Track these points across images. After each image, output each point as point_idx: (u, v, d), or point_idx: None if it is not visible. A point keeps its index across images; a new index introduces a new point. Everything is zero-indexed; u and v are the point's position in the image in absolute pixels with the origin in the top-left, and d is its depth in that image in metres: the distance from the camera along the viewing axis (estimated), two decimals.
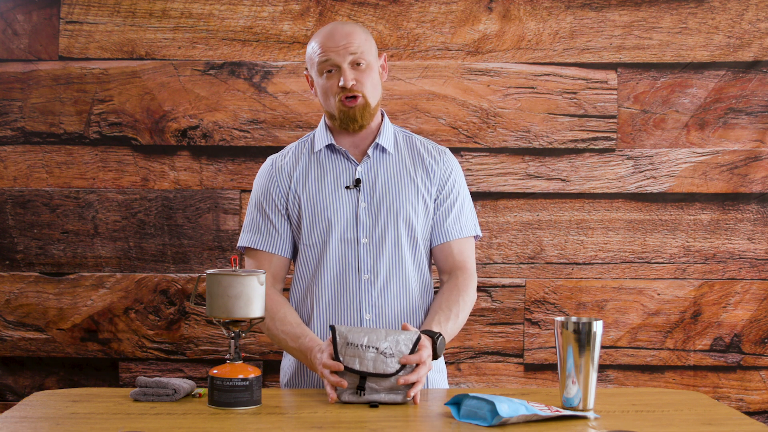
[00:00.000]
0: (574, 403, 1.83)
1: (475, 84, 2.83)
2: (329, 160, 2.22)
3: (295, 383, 2.24)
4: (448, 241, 2.22)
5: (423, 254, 2.22)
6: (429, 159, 2.24)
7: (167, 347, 2.84)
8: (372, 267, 2.16)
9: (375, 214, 2.17)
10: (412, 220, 2.18)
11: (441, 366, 2.28)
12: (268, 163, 2.28)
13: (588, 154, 2.84)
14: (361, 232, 2.16)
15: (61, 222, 2.83)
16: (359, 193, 2.18)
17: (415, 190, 2.20)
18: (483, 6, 2.83)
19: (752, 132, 2.84)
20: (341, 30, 2.16)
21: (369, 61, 2.16)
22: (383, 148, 2.21)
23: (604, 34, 2.83)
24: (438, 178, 2.22)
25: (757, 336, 2.86)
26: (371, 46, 2.19)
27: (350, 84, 2.12)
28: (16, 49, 2.82)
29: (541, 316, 2.85)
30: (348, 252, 2.16)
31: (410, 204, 2.18)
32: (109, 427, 1.71)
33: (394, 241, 2.17)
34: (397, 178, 2.20)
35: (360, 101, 2.15)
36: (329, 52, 2.13)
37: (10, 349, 2.83)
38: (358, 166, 2.19)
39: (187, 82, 2.82)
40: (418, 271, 2.21)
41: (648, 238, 2.85)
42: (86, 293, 2.83)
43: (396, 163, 2.22)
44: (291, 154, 2.26)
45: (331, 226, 2.16)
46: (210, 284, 1.85)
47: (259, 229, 2.23)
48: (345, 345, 1.91)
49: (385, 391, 1.90)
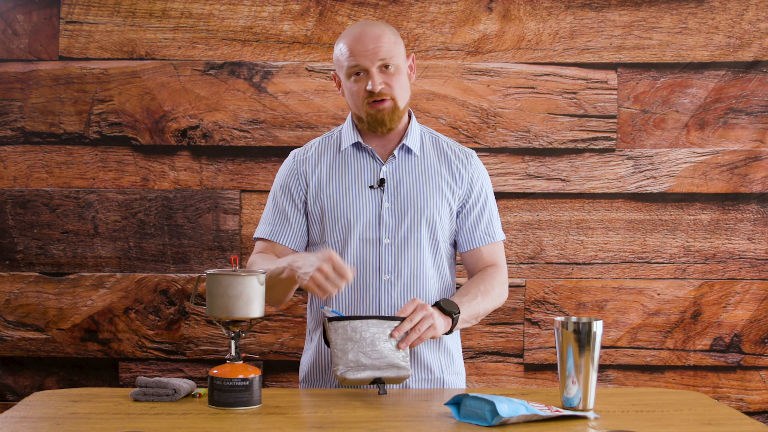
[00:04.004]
0: (574, 403, 1.83)
1: (475, 84, 2.83)
2: (354, 158, 2.21)
3: (312, 379, 2.23)
4: (479, 247, 2.23)
5: (443, 256, 2.21)
6: (456, 162, 2.23)
7: (167, 347, 2.84)
8: (393, 268, 2.16)
9: (398, 215, 2.17)
10: (435, 223, 2.18)
11: (460, 368, 2.28)
12: (290, 158, 2.27)
13: (588, 154, 2.84)
14: (384, 233, 2.16)
15: (61, 222, 2.83)
16: (383, 193, 2.17)
17: (440, 192, 2.19)
18: (483, 6, 2.83)
19: (752, 132, 2.84)
20: (370, 32, 2.13)
21: (398, 64, 2.14)
22: (409, 149, 2.21)
23: (604, 34, 2.83)
24: (466, 183, 2.22)
25: (757, 336, 2.86)
26: (400, 48, 2.17)
27: (379, 89, 2.11)
28: (16, 49, 2.82)
29: (541, 316, 2.85)
30: (369, 252, 2.16)
31: (435, 206, 2.18)
32: (109, 427, 1.71)
33: (416, 243, 2.16)
34: (422, 180, 2.19)
35: (388, 104, 2.13)
36: (358, 57, 2.11)
37: (10, 349, 2.83)
38: (383, 166, 2.19)
39: (187, 82, 2.82)
40: (438, 273, 2.21)
41: (648, 238, 2.85)
42: (86, 293, 2.83)
43: (422, 165, 2.21)
44: (314, 150, 2.25)
45: (351, 225, 2.16)
46: (210, 284, 1.85)
47: (275, 221, 2.23)
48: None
49: (387, 367, 1.91)
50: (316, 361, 2.22)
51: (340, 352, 1.93)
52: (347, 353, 1.92)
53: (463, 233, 2.23)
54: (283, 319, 2.81)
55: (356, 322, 1.95)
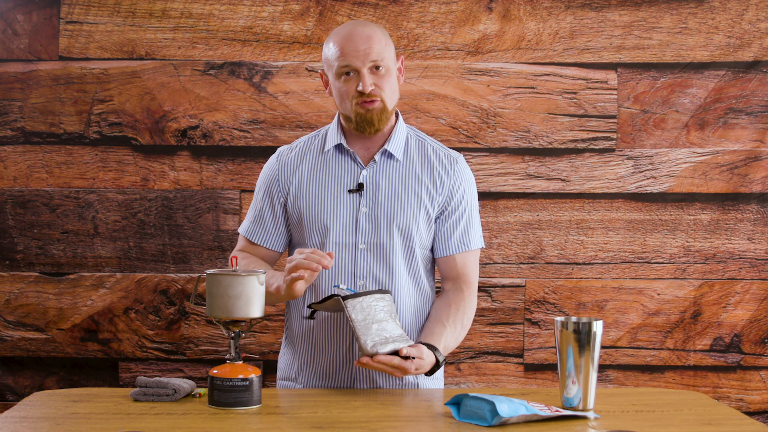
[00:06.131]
0: (574, 403, 1.83)
1: (475, 84, 2.83)
2: (336, 161, 2.19)
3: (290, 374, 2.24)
4: (453, 254, 2.21)
5: (419, 264, 2.19)
6: (439, 168, 2.19)
7: (167, 347, 2.84)
8: (368, 273, 2.14)
9: (375, 221, 2.15)
10: (411, 230, 2.15)
11: (439, 374, 2.27)
12: (274, 158, 2.26)
13: (588, 154, 2.84)
14: (360, 238, 2.14)
15: (61, 222, 2.83)
16: (361, 197, 2.15)
17: (417, 199, 2.16)
18: (483, 6, 2.83)
19: (752, 132, 2.84)
20: (361, 33, 2.11)
21: (388, 66, 2.12)
22: (390, 154, 2.18)
23: (604, 34, 2.83)
24: (446, 190, 2.19)
25: (757, 336, 2.86)
26: (390, 49, 2.15)
27: (369, 89, 2.09)
28: (16, 49, 2.82)
29: (541, 316, 2.85)
30: (345, 256, 2.14)
31: (411, 213, 2.15)
32: (109, 427, 1.71)
33: (390, 250, 2.15)
34: (400, 186, 2.17)
35: (378, 105, 2.11)
36: (349, 57, 2.09)
37: (10, 349, 2.83)
38: (363, 170, 2.17)
39: (187, 82, 2.82)
40: (413, 281, 2.18)
41: (648, 238, 2.85)
42: (86, 293, 2.83)
43: (402, 170, 2.18)
44: (299, 149, 2.24)
45: (328, 229, 2.15)
46: (210, 284, 1.85)
47: (255, 220, 2.24)
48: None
49: (399, 339, 1.96)
50: (293, 361, 2.24)
51: (363, 328, 1.94)
52: (370, 328, 1.95)
53: (438, 240, 2.20)
54: (283, 319, 2.81)
55: (369, 299, 1.99)
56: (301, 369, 2.21)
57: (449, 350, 2.12)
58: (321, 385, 2.18)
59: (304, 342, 2.20)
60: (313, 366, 2.19)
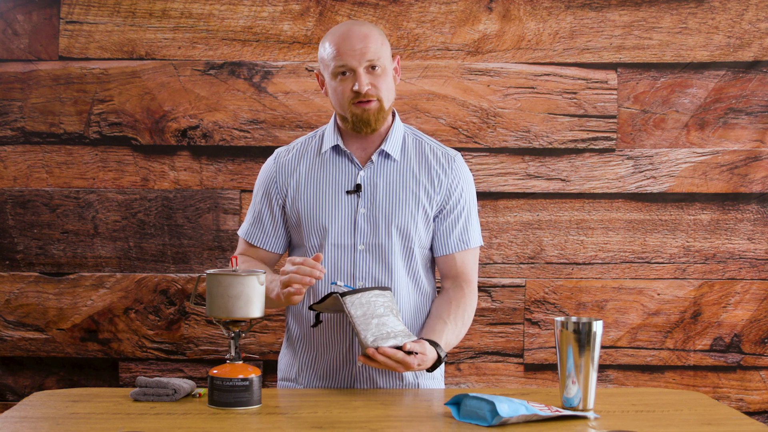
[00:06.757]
0: (574, 403, 1.83)
1: (475, 84, 2.83)
2: (333, 162, 2.19)
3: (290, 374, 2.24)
4: (452, 253, 2.21)
5: (419, 264, 2.19)
6: (437, 167, 2.19)
7: (167, 347, 2.84)
8: (367, 274, 2.14)
9: (373, 222, 2.14)
10: (410, 231, 2.15)
11: (437, 372, 2.26)
12: (272, 160, 2.26)
13: (588, 154, 2.84)
14: (359, 239, 2.14)
15: (61, 222, 2.83)
16: (359, 198, 2.15)
17: (415, 199, 2.16)
18: (483, 6, 2.83)
19: (752, 132, 2.84)
20: (357, 32, 2.10)
21: (384, 66, 2.12)
22: (387, 154, 2.18)
23: (604, 34, 2.83)
24: (444, 189, 2.18)
25: (757, 336, 2.86)
26: (387, 49, 2.14)
27: (365, 89, 2.08)
28: (16, 49, 2.82)
29: (541, 316, 2.85)
30: (344, 258, 2.14)
31: (409, 213, 2.15)
32: (109, 427, 1.71)
33: (389, 250, 2.14)
34: (397, 187, 2.16)
35: (374, 105, 2.11)
36: (345, 56, 2.08)
37: (10, 349, 2.83)
38: (360, 171, 2.17)
39: (187, 82, 2.82)
40: (413, 281, 2.18)
41: (648, 238, 2.85)
42: (86, 293, 2.83)
43: (399, 170, 2.18)
44: (296, 151, 2.23)
45: (327, 230, 2.14)
46: (210, 284, 1.85)
47: (254, 223, 2.24)
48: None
49: (401, 334, 1.96)
50: (293, 361, 2.24)
51: (363, 323, 1.94)
52: (370, 323, 1.95)
53: (437, 239, 2.20)
54: (283, 319, 2.81)
55: (368, 294, 1.99)
56: (301, 370, 2.21)
57: (450, 347, 2.11)
58: (321, 386, 2.18)
59: (304, 343, 2.20)
60: (314, 367, 2.19)
